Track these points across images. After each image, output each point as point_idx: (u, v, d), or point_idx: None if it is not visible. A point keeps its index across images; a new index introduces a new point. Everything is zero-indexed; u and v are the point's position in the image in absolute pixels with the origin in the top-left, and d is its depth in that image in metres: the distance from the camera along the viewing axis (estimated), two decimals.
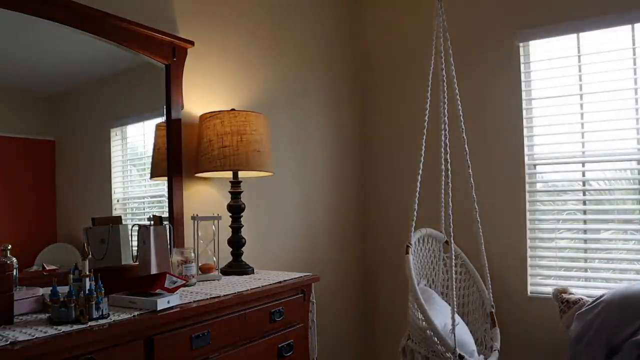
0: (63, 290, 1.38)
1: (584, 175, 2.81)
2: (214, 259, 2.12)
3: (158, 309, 1.50)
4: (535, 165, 2.91)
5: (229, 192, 2.21)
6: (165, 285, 1.63)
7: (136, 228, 1.91)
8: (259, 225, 2.59)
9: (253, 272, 2.21)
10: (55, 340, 1.21)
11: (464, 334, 2.40)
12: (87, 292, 1.40)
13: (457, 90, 2.55)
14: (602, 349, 2.16)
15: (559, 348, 2.68)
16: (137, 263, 1.89)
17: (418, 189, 2.46)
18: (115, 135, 2.09)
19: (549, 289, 2.81)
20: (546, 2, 2.80)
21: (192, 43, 2.20)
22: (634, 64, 2.64)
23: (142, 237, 1.87)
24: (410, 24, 3.21)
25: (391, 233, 3.27)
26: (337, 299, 3.11)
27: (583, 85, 2.77)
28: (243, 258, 2.24)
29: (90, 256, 1.48)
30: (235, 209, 2.20)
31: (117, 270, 1.88)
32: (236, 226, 2.20)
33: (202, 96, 2.32)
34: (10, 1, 1.62)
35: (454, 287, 2.29)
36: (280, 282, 1.97)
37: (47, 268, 1.74)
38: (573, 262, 2.83)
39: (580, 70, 2.78)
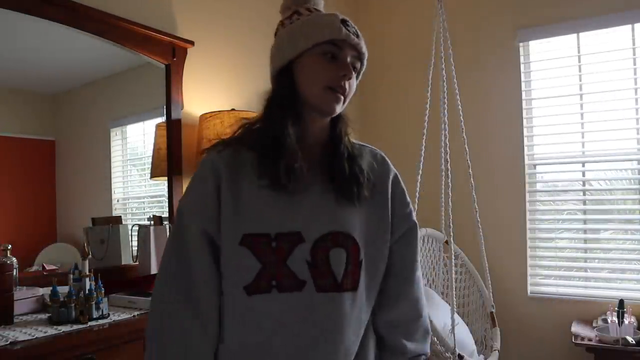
0: (63, 290, 1.39)
1: (584, 175, 2.80)
2: None
3: None
4: (535, 165, 2.91)
5: None
6: None
7: (136, 228, 1.91)
8: None
9: None
10: (55, 340, 1.22)
11: (463, 334, 2.40)
12: (87, 292, 1.40)
13: (457, 90, 2.55)
14: None
15: (559, 348, 2.68)
16: (137, 263, 1.89)
17: (418, 189, 2.45)
18: (115, 135, 2.09)
19: (549, 289, 2.82)
20: (546, 2, 2.80)
21: (192, 43, 2.20)
22: (634, 64, 2.64)
23: (142, 237, 1.87)
24: (410, 24, 3.21)
25: None
26: None
27: (583, 85, 2.77)
28: None
29: (90, 256, 1.48)
30: None
31: (117, 270, 1.88)
32: None
33: (202, 96, 2.32)
34: (10, 1, 1.62)
35: (454, 287, 2.29)
36: None
37: (47, 268, 1.74)
38: (573, 262, 2.83)
39: (580, 70, 2.77)
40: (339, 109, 0.98)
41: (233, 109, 2.19)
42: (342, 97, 0.97)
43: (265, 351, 0.92)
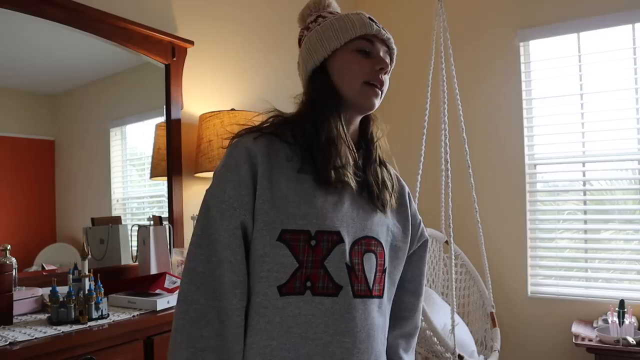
0: (62, 290, 1.38)
1: (584, 175, 2.80)
2: None
3: (158, 309, 1.50)
4: (535, 165, 2.90)
5: None
6: (165, 286, 1.63)
7: (136, 228, 1.91)
8: None
9: None
10: (55, 340, 1.21)
11: (463, 334, 2.40)
12: (86, 292, 1.40)
13: (457, 90, 2.55)
14: None
15: (559, 348, 2.68)
16: (137, 263, 1.89)
17: (418, 189, 2.45)
18: (115, 135, 2.09)
19: (549, 289, 2.82)
20: (546, 2, 2.80)
21: (192, 43, 2.20)
22: (634, 63, 2.64)
23: (142, 237, 1.87)
24: (410, 24, 3.21)
25: None
26: None
27: (583, 85, 2.77)
28: None
29: (89, 256, 1.48)
30: None
31: (116, 270, 1.88)
32: None
33: (201, 96, 2.31)
34: (10, 1, 1.62)
35: (454, 287, 2.29)
36: None
37: (47, 268, 1.74)
38: (573, 262, 2.82)
39: (580, 70, 2.77)
40: (377, 103, 0.98)
41: (233, 109, 2.18)
42: (380, 92, 0.97)
43: None
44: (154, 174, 2.17)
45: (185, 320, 0.86)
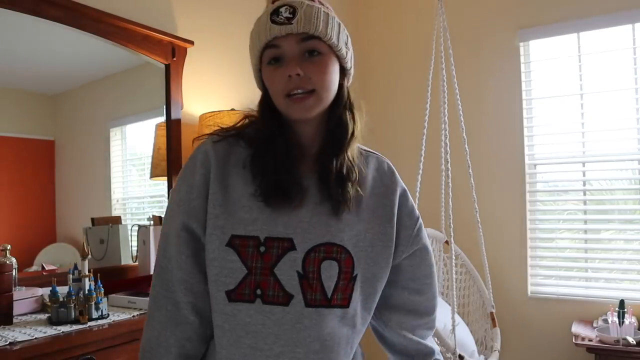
0: (62, 290, 1.38)
1: (584, 175, 2.80)
2: None
3: None
4: (535, 166, 2.90)
5: None
6: None
7: (136, 228, 1.91)
8: None
9: None
10: (55, 340, 1.22)
11: (464, 334, 2.40)
12: (86, 292, 1.40)
13: (457, 90, 2.55)
14: None
15: (559, 348, 2.68)
16: (137, 263, 1.89)
17: (418, 189, 2.45)
18: (115, 135, 2.09)
19: (549, 289, 2.82)
20: (546, 2, 2.80)
21: (192, 43, 2.20)
22: (635, 63, 2.63)
23: (142, 237, 1.87)
24: (410, 24, 3.21)
25: None
26: None
27: (583, 85, 2.76)
28: None
29: (89, 256, 1.48)
30: None
31: (116, 270, 1.88)
32: None
33: (202, 96, 2.31)
34: (10, 1, 1.62)
35: (454, 287, 2.29)
36: None
37: (47, 268, 1.74)
38: (573, 262, 2.82)
39: (580, 70, 2.77)
40: (310, 110, 0.87)
41: (233, 109, 2.18)
42: (307, 99, 0.86)
43: None
44: (154, 174, 2.17)
45: (150, 300, 0.93)
